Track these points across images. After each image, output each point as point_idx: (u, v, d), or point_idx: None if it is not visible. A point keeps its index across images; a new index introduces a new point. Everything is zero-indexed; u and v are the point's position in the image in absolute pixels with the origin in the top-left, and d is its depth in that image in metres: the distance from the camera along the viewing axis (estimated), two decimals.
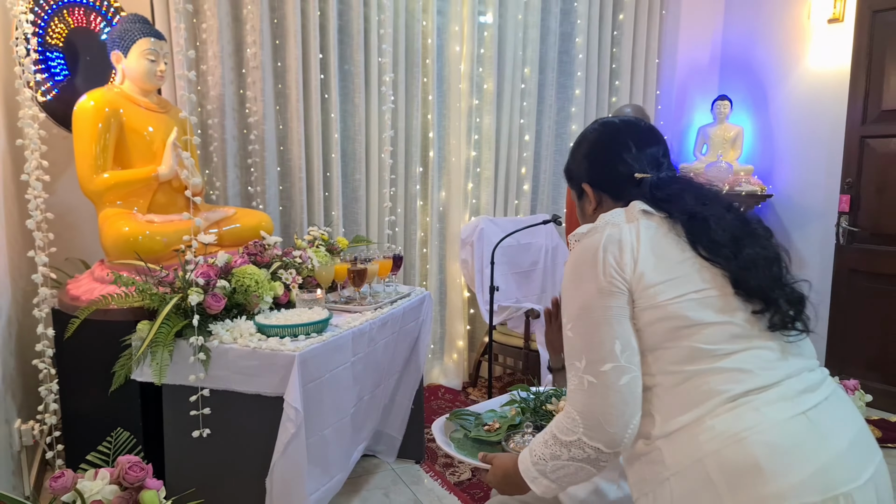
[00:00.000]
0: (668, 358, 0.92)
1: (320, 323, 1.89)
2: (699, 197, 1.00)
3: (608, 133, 1.10)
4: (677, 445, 0.88)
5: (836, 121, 3.41)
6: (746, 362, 0.90)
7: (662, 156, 1.07)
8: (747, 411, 0.86)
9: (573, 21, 3.56)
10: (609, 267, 0.92)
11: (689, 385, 0.90)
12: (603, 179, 1.08)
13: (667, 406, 0.91)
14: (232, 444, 1.83)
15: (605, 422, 0.90)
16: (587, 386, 0.91)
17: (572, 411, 0.92)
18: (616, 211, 1.01)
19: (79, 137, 2.17)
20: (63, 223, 2.39)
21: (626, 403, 0.90)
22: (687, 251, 0.94)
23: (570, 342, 0.95)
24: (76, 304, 1.98)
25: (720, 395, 0.88)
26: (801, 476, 0.83)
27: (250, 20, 2.79)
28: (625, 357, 0.90)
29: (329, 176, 3.06)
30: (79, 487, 1.29)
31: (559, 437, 0.93)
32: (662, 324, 0.91)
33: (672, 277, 0.92)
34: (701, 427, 0.87)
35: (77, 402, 2.09)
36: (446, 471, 2.55)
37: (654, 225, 0.96)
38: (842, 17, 3.41)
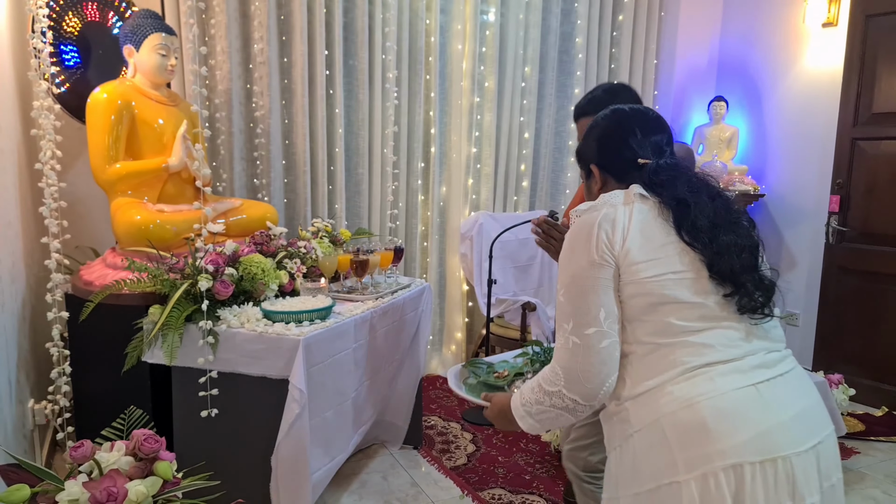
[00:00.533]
0: (644, 329, 1.02)
1: (324, 310, 1.97)
2: (689, 184, 1.07)
3: (617, 119, 1.17)
4: (641, 407, 1.00)
5: (828, 123, 3.49)
6: (711, 339, 1.00)
7: (666, 144, 1.15)
8: (703, 380, 0.97)
9: (573, 21, 3.63)
10: (601, 242, 1.02)
11: (657, 355, 1.00)
12: (609, 162, 1.15)
13: (637, 372, 1.02)
14: (238, 425, 1.91)
15: (583, 378, 1.01)
16: (571, 346, 1.02)
17: (556, 366, 1.04)
18: (616, 192, 1.09)
19: (92, 128, 2.24)
20: (74, 212, 2.46)
21: (603, 363, 1.01)
22: (671, 235, 1.03)
23: (561, 306, 1.05)
24: (89, 289, 2.06)
25: (682, 366, 0.98)
26: (742, 438, 0.93)
27: (258, 16, 2.86)
28: (607, 324, 1.01)
29: (333, 170, 3.14)
30: (97, 458, 1.37)
31: (544, 387, 1.05)
32: (642, 298, 1.01)
33: (654, 258, 1.01)
34: (662, 391, 0.98)
35: (88, 383, 2.17)
36: (443, 456, 2.63)
37: (647, 209, 1.05)
38: (836, 21, 3.48)
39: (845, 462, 2.66)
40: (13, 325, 2.03)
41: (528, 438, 2.80)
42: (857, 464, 2.67)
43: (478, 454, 2.66)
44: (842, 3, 3.43)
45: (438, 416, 3.02)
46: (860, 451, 2.77)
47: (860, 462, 2.69)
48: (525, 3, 3.45)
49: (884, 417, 3.10)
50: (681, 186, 1.06)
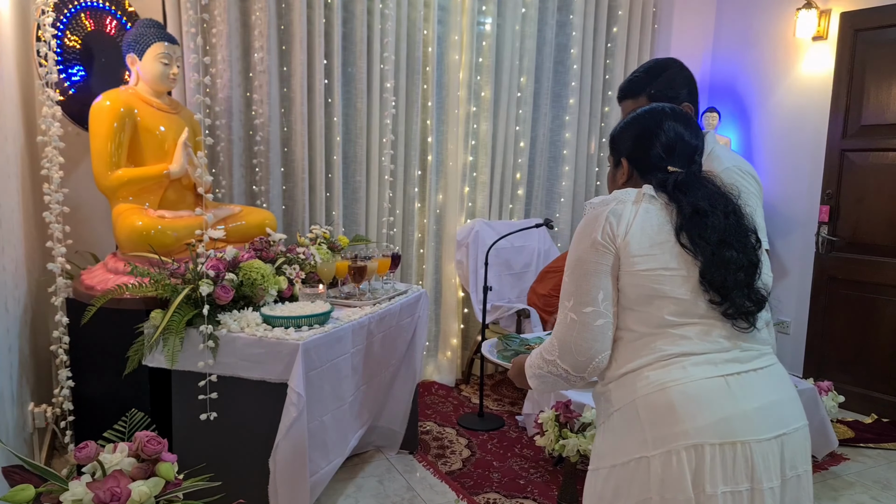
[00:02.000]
0: (634, 318, 1.10)
1: (322, 315, 2.00)
2: (710, 198, 1.12)
3: (657, 120, 1.20)
4: (621, 388, 1.10)
5: (818, 134, 3.56)
6: (690, 332, 1.08)
7: (698, 154, 1.19)
8: (676, 368, 1.06)
9: (569, 33, 3.70)
10: (605, 232, 1.10)
11: (641, 342, 1.10)
12: (639, 159, 1.20)
13: (622, 356, 1.11)
14: (237, 428, 1.93)
15: (575, 351, 1.11)
16: (569, 321, 1.11)
17: (554, 339, 1.14)
18: (629, 190, 1.15)
19: (95, 135, 2.28)
20: (75, 217, 2.49)
21: (595, 340, 1.10)
22: (670, 235, 1.09)
23: (565, 285, 1.14)
24: (91, 294, 2.09)
25: (660, 353, 1.07)
26: (705, 421, 1.02)
27: (258, 26, 2.91)
28: (603, 305, 1.10)
29: (331, 177, 3.18)
30: (100, 458, 1.39)
31: (543, 355, 1.16)
32: (636, 289, 1.09)
33: (650, 253, 1.08)
34: (640, 375, 1.08)
35: (88, 387, 2.19)
36: (438, 461, 2.66)
37: (654, 209, 1.11)
38: (826, 34, 3.55)
39: (834, 468, 2.70)
40: (15, 329, 2.05)
41: (522, 444, 2.83)
42: (846, 470, 2.71)
43: (473, 459, 2.69)
44: (832, 17, 3.51)
45: (434, 422, 3.05)
46: (850, 458, 2.81)
47: (850, 468, 2.73)
48: (521, 14, 3.51)
49: (873, 424, 3.15)
50: (701, 198, 1.12)
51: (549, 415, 2.17)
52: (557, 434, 2.13)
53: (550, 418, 2.16)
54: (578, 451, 2.09)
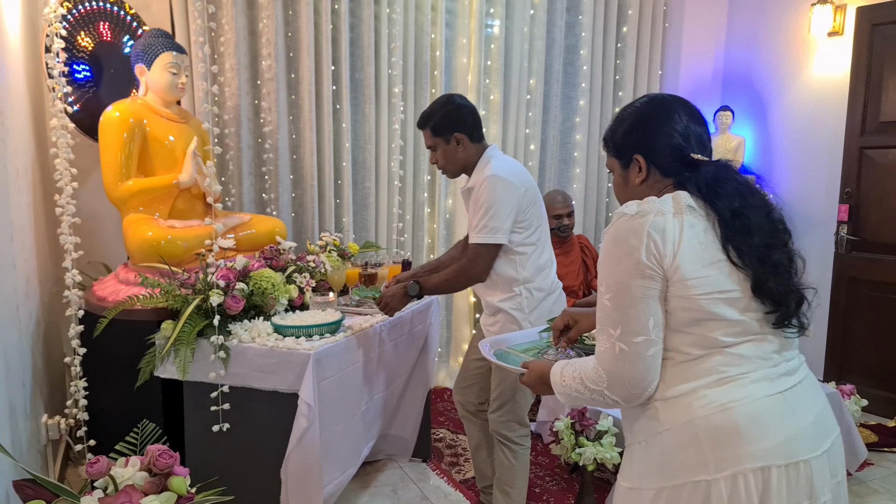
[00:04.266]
0: (684, 340, 1.04)
1: (334, 324, 1.98)
2: (741, 192, 1.06)
3: (662, 106, 1.12)
4: (673, 408, 1.04)
5: (835, 132, 3.49)
6: (747, 351, 1.03)
7: (707, 140, 1.13)
8: (737, 387, 1.01)
9: (578, 33, 3.66)
10: (650, 253, 1.01)
11: (694, 363, 1.04)
12: (655, 151, 1.11)
13: (671, 376, 1.05)
14: (250, 439, 1.92)
15: (628, 384, 1.04)
16: (618, 352, 1.03)
17: (600, 369, 1.06)
18: (665, 199, 1.05)
19: (105, 146, 2.28)
20: (86, 228, 2.49)
21: (648, 370, 1.03)
22: (720, 254, 1.03)
23: (607, 311, 1.05)
24: (103, 305, 2.08)
25: (718, 374, 1.02)
26: (771, 443, 0.99)
27: (266, 34, 2.91)
28: (654, 332, 1.03)
29: (340, 184, 3.17)
30: (112, 473, 1.38)
31: (586, 383, 1.08)
32: (687, 313, 1.03)
33: (704, 275, 1.01)
34: (696, 395, 1.02)
35: (101, 398, 2.19)
36: (452, 469, 2.63)
37: (697, 223, 1.03)
38: (841, 30, 3.49)
39: (858, 474, 2.64)
40: (28, 341, 2.06)
41: (536, 451, 2.79)
42: (870, 476, 2.64)
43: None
44: (847, 12, 3.44)
45: (447, 429, 3.02)
46: (873, 463, 2.74)
47: (874, 474, 2.66)
48: (529, 16, 3.49)
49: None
50: (735, 195, 1.05)
51: (565, 423, 2.13)
52: (574, 443, 2.09)
53: (566, 426, 2.12)
54: (595, 460, 2.05)
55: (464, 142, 1.92)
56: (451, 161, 1.96)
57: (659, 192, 1.11)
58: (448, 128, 1.92)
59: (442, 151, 1.95)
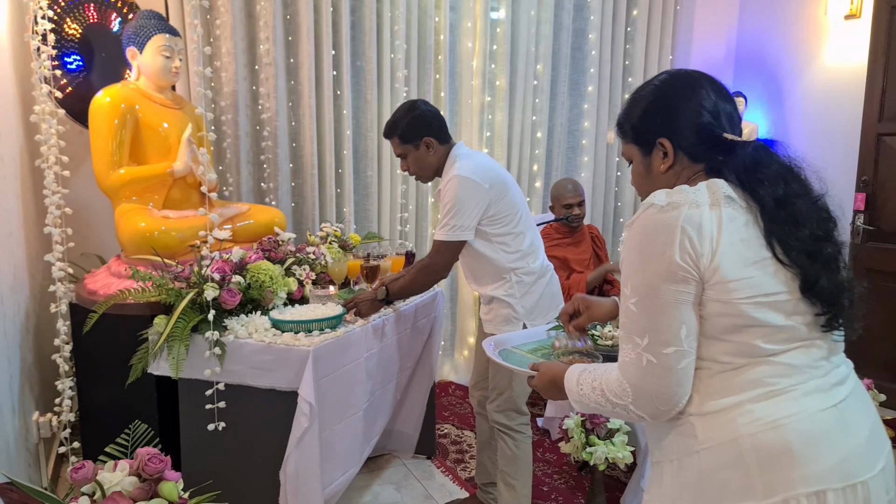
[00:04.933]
0: (722, 349, 0.93)
1: (334, 318, 1.89)
2: (787, 181, 0.94)
3: (685, 81, 1.00)
4: (713, 424, 0.93)
5: (852, 118, 3.37)
6: (795, 359, 0.92)
7: (738, 119, 1.00)
8: (786, 400, 0.91)
9: (586, 17, 3.54)
10: (685, 252, 0.89)
11: (735, 373, 0.92)
12: (683, 133, 0.98)
13: (707, 388, 0.94)
14: (247, 438, 1.84)
15: (657, 399, 0.93)
16: (645, 363, 0.92)
17: (625, 382, 0.95)
18: (700, 188, 0.93)
19: (95, 133, 2.19)
20: (79, 218, 2.41)
21: (679, 385, 0.92)
22: (764, 251, 0.91)
23: (633, 317, 0.94)
24: (93, 299, 2.00)
25: (765, 387, 0.91)
26: (827, 464, 0.89)
27: (263, 16, 2.80)
28: (687, 342, 0.91)
29: (341, 172, 3.07)
30: (99, 479, 1.30)
31: (608, 396, 0.97)
32: (726, 319, 0.91)
33: (747, 276, 0.90)
34: (740, 410, 0.91)
35: (94, 395, 2.12)
36: (457, 466, 2.56)
37: (737, 216, 0.92)
38: (859, 13, 3.36)
39: None
40: (15, 336, 1.98)
41: (544, 448, 2.71)
42: None
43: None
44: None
45: (451, 424, 2.94)
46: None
47: None
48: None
49: None
50: (777, 180, 0.92)
51: (575, 421, 2.05)
52: (584, 441, 2.01)
53: (576, 424, 2.04)
54: (607, 459, 1.97)
55: (433, 145, 1.95)
56: (423, 166, 1.99)
57: (688, 179, 0.99)
58: (416, 133, 1.95)
59: (413, 158, 1.97)
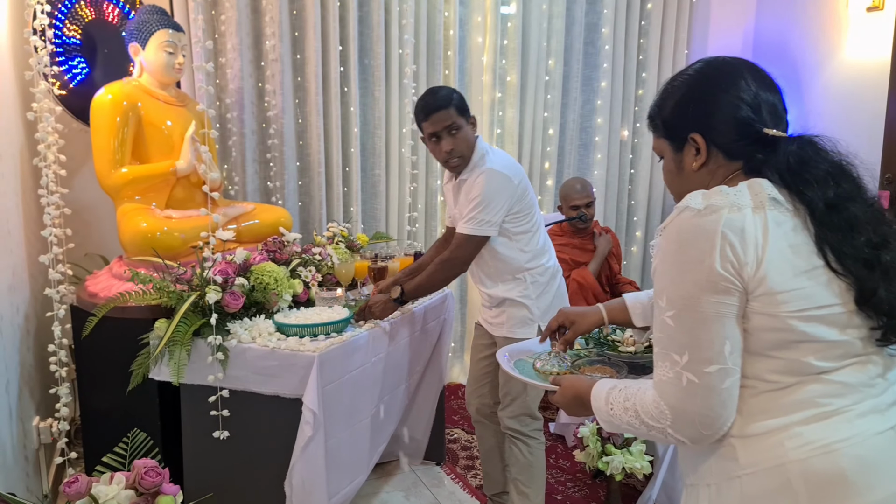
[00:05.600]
0: (769, 366, 0.86)
1: (340, 322, 1.83)
2: (837, 181, 0.85)
3: (723, 70, 0.92)
4: (757, 447, 0.86)
5: (875, 114, 3.26)
6: (849, 377, 0.85)
7: (782, 110, 0.92)
8: (840, 422, 0.84)
9: (599, 11, 3.45)
10: (727, 260, 0.81)
11: (782, 393, 0.85)
12: (718, 128, 0.90)
13: (751, 408, 0.87)
14: (251, 447, 1.78)
15: (700, 423, 0.85)
16: (685, 383, 0.85)
17: (663, 404, 0.87)
18: (741, 189, 0.85)
19: (96, 131, 2.14)
20: (81, 219, 2.36)
21: (724, 406, 0.85)
22: (816, 258, 0.83)
23: (670, 332, 0.86)
24: (94, 301, 1.95)
25: (817, 408, 0.84)
26: (885, 492, 0.82)
27: (269, 11, 2.74)
28: (731, 360, 0.84)
29: (348, 171, 3.01)
30: (93, 493, 1.25)
31: (643, 419, 0.90)
32: (774, 334, 0.84)
33: (797, 288, 0.82)
34: (788, 433, 0.84)
35: (95, 399, 2.07)
36: (468, 473, 2.49)
37: (784, 220, 0.84)
38: (882, 5, 3.25)
39: None
40: (14, 339, 1.93)
41: (557, 454, 2.64)
42: None
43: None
44: None
45: (461, 429, 2.87)
46: None
47: None
48: None
49: None
50: (830, 182, 0.84)
51: (591, 429, 1.97)
52: (600, 450, 1.94)
53: (592, 433, 1.97)
54: (624, 469, 1.89)
55: (475, 127, 1.87)
56: (467, 147, 1.86)
57: (724, 178, 0.91)
58: (467, 108, 1.86)
59: (463, 135, 1.84)
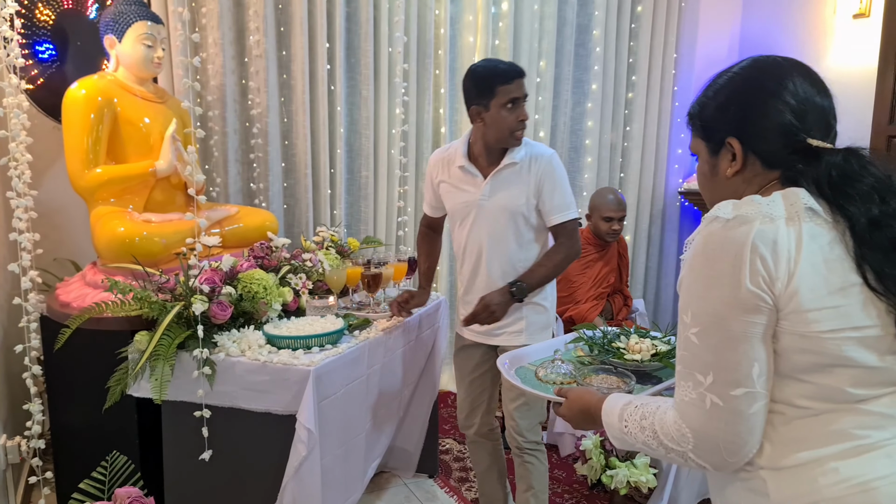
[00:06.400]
0: (800, 391, 0.80)
1: (335, 333, 1.73)
2: (884, 197, 0.80)
3: (770, 72, 0.85)
4: (789, 482, 0.80)
5: (860, 120, 3.28)
6: (891, 407, 0.78)
7: (833, 118, 0.86)
8: (880, 457, 0.77)
9: (590, 12, 3.41)
10: (757, 275, 0.76)
11: (815, 421, 0.80)
12: (756, 133, 0.85)
13: (783, 438, 0.81)
14: (238, 467, 1.67)
15: (725, 450, 0.80)
16: (709, 406, 0.80)
17: (685, 427, 0.82)
18: (774, 199, 0.80)
19: (69, 129, 2.00)
20: (50, 222, 2.22)
21: (751, 433, 0.80)
22: (853, 275, 0.77)
23: (694, 350, 0.81)
24: (66, 312, 1.81)
25: (854, 440, 0.78)
26: None
27: (253, 5, 2.62)
28: (760, 382, 0.78)
29: (333, 172, 2.90)
30: None
31: (662, 440, 0.85)
32: (807, 356, 0.78)
33: (831, 306, 0.76)
34: (823, 468, 0.78)
35: (67, 416, 1.92)
36: (462, 486, 2.40)
37: (821, 234, 0.78)
38: (868, 11, 3.27)
39: None
40: None
41: (552, 464, 2.57)
42: None
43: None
44: None
45: (453, 439, 2.79)
46: None
47: None
48: None
49: None
50: (872, 195, 0.79)
51: (594, 441, 1.91)
52: (603, 463, 1.87)
53: (595, 445, 1.90)
54: (629, 483, 1.83)
55: None
56: None
57: (760, 188, 0.86)
58: None
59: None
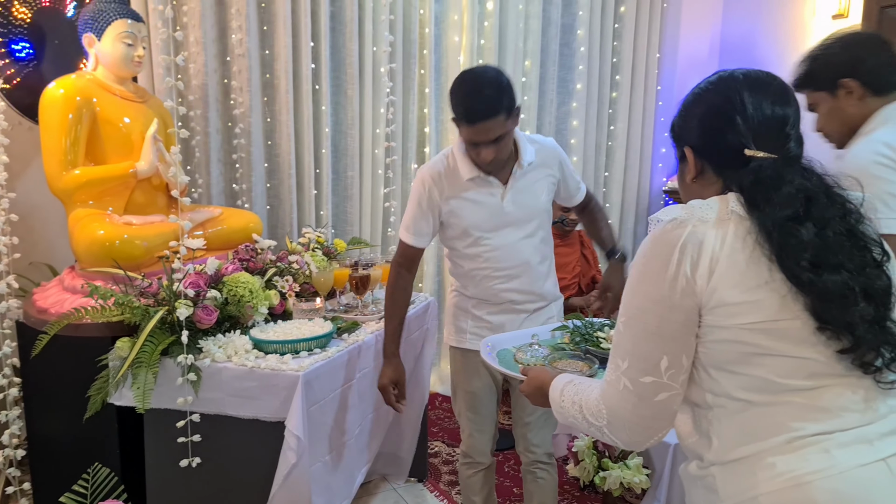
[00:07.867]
0: (735, 383, 0.83)
1: (324, 337, 1.70)
2: (802, 197, 0.83)
3: (723, 89, 0.92)
4: (733, 477, 0.83)
5: None
6: (825, 400, 0.80)
7: (790, 126, 0.89)
8: (815, 452, 0.78)
9: (575, 12, 3.41)
10: (681, 276, 0.82)
11: (752, 414, 0.82)
12: (707, 146, 0.92)
13: (727, 432, 0.85)
14: (225, 476, 1.63)
15: (629, 429, 0.89)
16: (622, 388, 0.88)
17: (602, 404, 0.91)
18: (710, 203, 0.86)
19: (46, 129, 1.94)
20: (26, 225, 2.14)
21: (655, 418, 0.87)
22: (774, 272, 0.81)
23: (619, 338, 0.90)
24: (43, 318, 1.75)
25: (788, 433, 0.79)
26: None
27: (236, 3, 2.58)
28: (668, 375, 0.85)
29: (319, 173, 2.86)
30: None
31: (585, 415, 0.94)
32: (731, 346, 0.83)
33: (752, 300, 0.80)
34: (761, 462, 0.80)
35: (44, 425, 1.87)
36: (452, 489, 2.38)
37: (744, 233, 0.82)
38: (847, 13, 3.32)
39: None
40: None
41: None
42: None
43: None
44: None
45: (442, 441, 2.77)
46: None
47: None
48: None
49: None
50: (796, 203, 0.82)
51: (586, 442, 1.90)
52: (596, 465, 1.87)
53: (588, 447, 1.90)
54: (622, 484, 1.83)
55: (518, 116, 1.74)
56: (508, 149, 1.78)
57: (716, 192, 0.91)
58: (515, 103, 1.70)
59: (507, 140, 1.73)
